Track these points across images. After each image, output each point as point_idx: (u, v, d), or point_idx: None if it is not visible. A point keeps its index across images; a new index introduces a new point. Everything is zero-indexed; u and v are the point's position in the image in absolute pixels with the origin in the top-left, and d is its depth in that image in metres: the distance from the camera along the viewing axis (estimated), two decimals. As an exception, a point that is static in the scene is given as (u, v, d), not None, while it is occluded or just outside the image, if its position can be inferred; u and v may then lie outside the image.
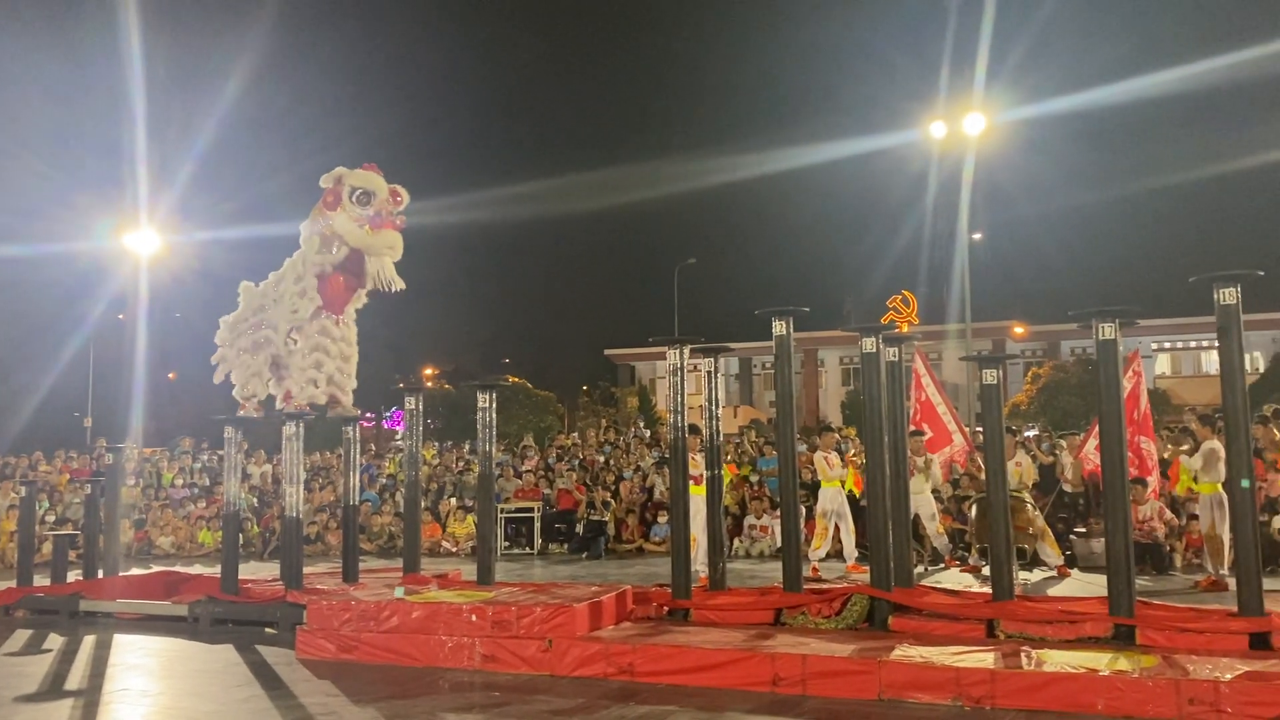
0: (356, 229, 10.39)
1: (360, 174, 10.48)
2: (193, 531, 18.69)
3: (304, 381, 10.66)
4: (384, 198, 10.46)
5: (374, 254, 10.55)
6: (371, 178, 10.49)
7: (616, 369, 56.18)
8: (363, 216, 10.38)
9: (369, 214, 10.39)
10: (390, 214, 10.51)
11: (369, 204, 10.38)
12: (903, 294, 43.78)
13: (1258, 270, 7.20)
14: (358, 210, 10.37)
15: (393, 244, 10.59)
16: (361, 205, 10.37)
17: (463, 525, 17.19)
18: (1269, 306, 39.65)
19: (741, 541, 15.26)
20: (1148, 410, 12.45)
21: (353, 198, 10.37)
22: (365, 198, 10.39)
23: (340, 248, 10.59)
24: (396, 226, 10.58)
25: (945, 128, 26.21)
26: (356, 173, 10.50)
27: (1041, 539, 11.85)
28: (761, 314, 8.79)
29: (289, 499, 10.19)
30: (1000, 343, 43.71)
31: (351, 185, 10.41)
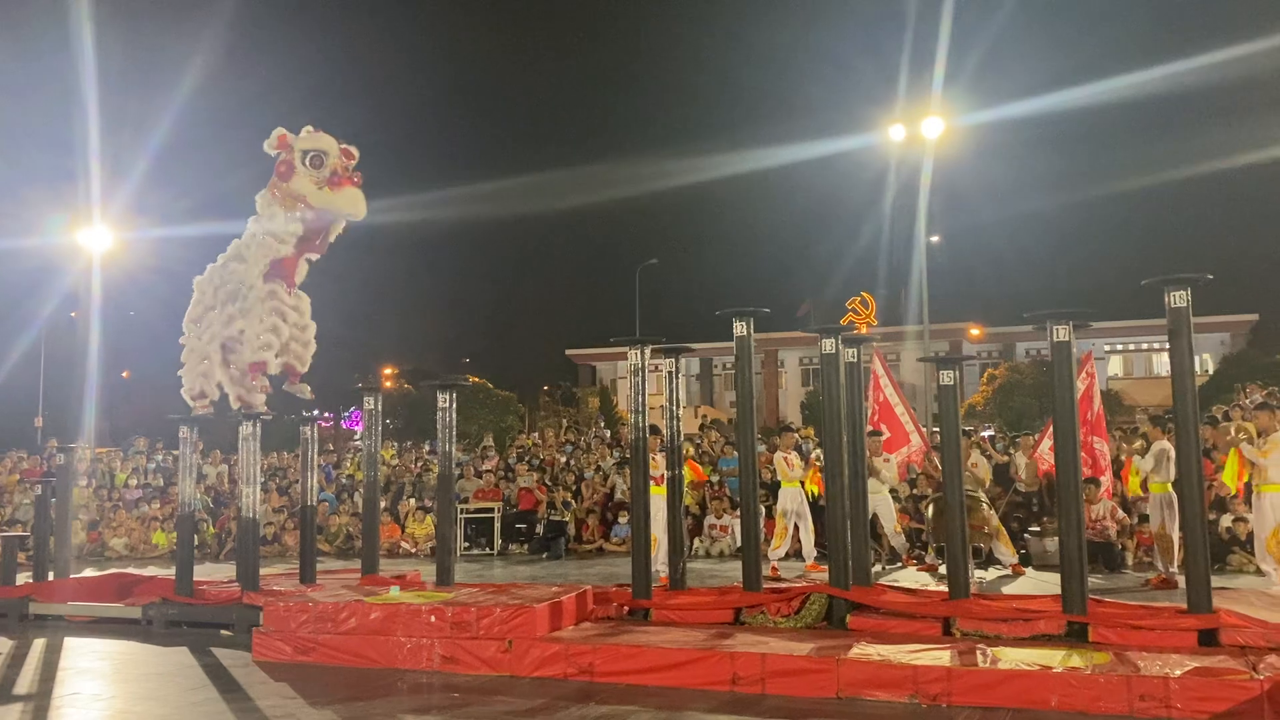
0: (318, 190, 10.22)
1: (308, 136, 10.32)
2: (146, 533, 18.41)
3: (257, 346, 10.49)
4: (336, 156, 10.32)
5: (338, 214, 10.42)
6: (321, 137, 10.33)
7: (578, 369, 56.15)
8: (320, 177, 10.25)
9: (326, 174, 10.25)
10: (347, 170, 10.39)
11: (323, 164, 10.24)
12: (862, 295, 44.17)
13: (1207, 274, 7.34)
14: (313, 172, 10.23)
15: (355, 201, 10.42)
16: (316, 167, 10.23)
17: (422, 526, 17.09)
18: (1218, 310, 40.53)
19: (702, 541, 15.31)
20: (1101, 411, 12.66)
21: (306, 161, 10.23)
22: (318, 159, 10.24)
23: (305, 213, 10.41)
24: (355, 183, 10.44)
25: (904, 131, 26.45)
26: (304, 136, 10.34)
27: (997, 538, 12.00)
28: (722, 315, 8.83)
29: (246, 499, 10.07)
30: (957, 344, 44.22)
31: (302, 149, 10.25)
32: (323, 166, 10.22)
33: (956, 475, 8.30)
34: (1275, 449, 9.67)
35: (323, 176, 10.22)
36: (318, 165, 10.21)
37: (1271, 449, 9.66)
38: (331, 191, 10.24)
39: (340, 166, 10.29)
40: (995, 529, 12.03)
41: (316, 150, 10.22)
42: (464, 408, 27.11)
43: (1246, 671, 5.88)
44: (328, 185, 10.23)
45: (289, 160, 10.23)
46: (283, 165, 10.27)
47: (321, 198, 10.24)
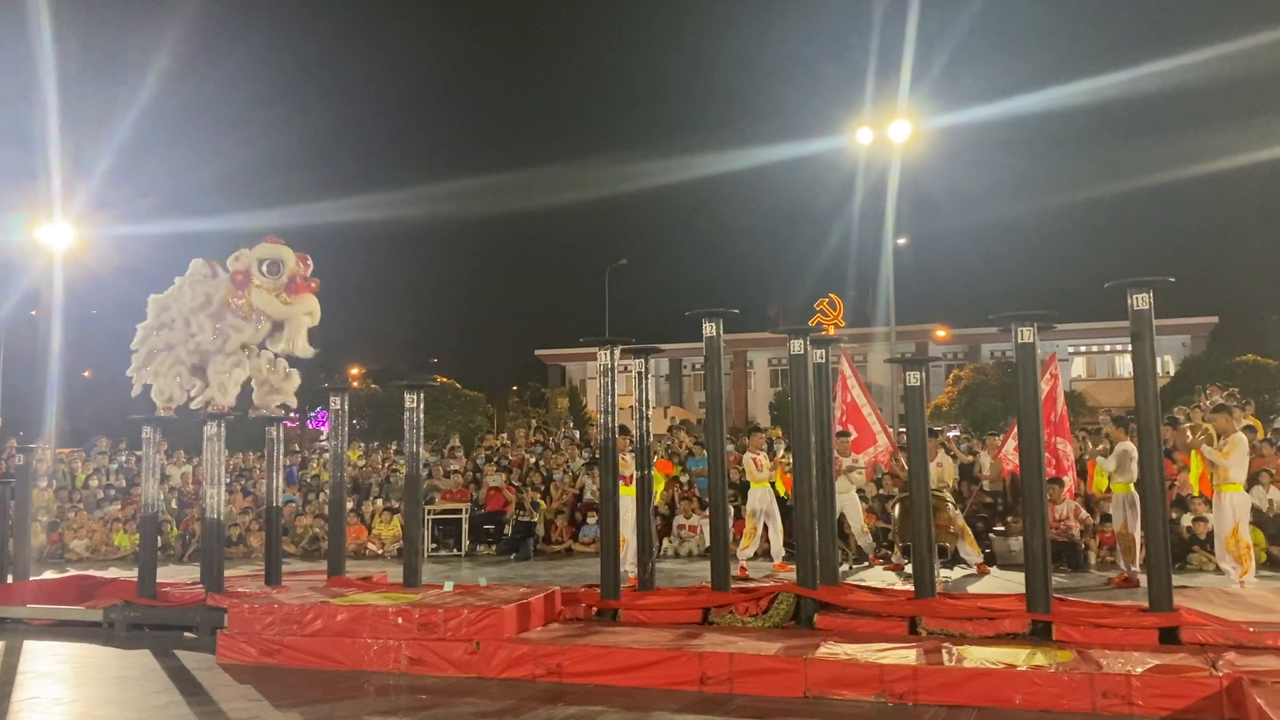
0: (275, 300, 10.15)
1: (264, 247, 10.25)
2: (108, 534, 18.18)
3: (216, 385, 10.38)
4: (294, 263, 10.25)
5: (295, 323, 10.31)
6: (276, 248, 10.25)
7: (547, 369, 56.03)
8: (276, 285, 10.17)
9: (282, 282, 10.18)
10: (304, 278, 10.33)
11: (280, 272, 10.16)
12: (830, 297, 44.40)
13: (1169, 277, 7.45)
14: (269, 280, 10.14)
15: (311, 310, 10.39)
16: (273, 274, 10.15)
17: (389, 527, 16.99)
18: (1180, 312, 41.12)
19: (670, 541, 15.33)
20: (1064, 412, 12.81)
21: (262, 269, 10.13)
22: (275, 266, 10.16)
23: (263, 324, 10.31)
24: (312, 289, 10.40)
25: (871, 134, 26.63)
26: (260, 246, 10.27)
27: (962, 537, 12.11)
28: (692, 315, 8.85)
29: (210, 500, 9.97)
30: (923, 346, 44.59)
31: (258, 258, 10.17)
32: (279, 274, 10.15)
33: (922, 475, 8.37)
34: (1235, 449, 9.83)
35: (279, 284, 10.16)
36: (274, 273, 10.13)
37: (1231, 450, 9.82)
38: (289, 300, 10.18)
39: (298, 273, 10.24)
40: (961, 528, 12.14)
41: (273, 259, 10.14)
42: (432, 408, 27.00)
43: (1206, 669, 5.97)
44: (285, 292, 10.18)
45: (245, 270, 10.12)
46: (239, 275, 10.14)
47: (279, 309, 10.16)
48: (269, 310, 10.18)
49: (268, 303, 10.14)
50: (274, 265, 10.13)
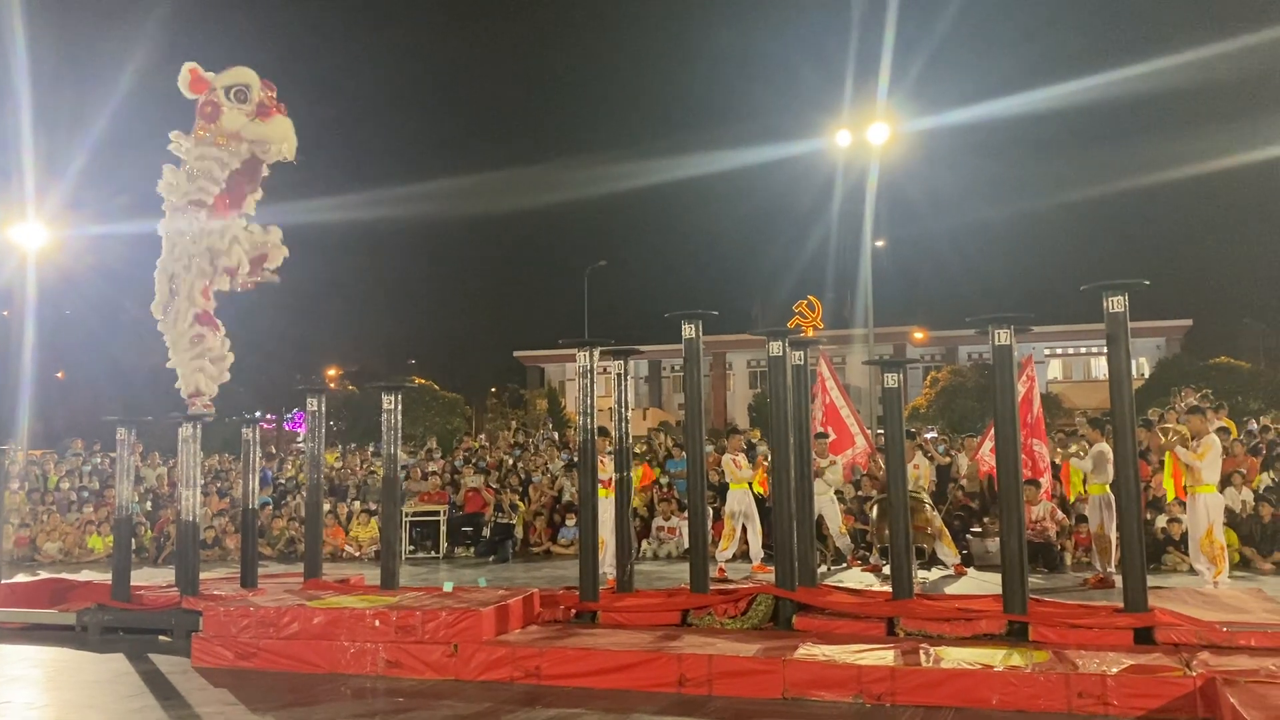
0: (249, 122, 10.12)
1: (228, 72, 10.21)
2: (82, 537, 17.99)
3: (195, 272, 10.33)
4: (259, 87, 10.23)
5: (272, 144, 10.30)
6: (241, 72, 10.24)
7: (526, 371, 55.93)
8: (248, 110, 10.13)
9: (253, 107, 10.15)
10: (272, 100, 10.29)
11: (247, 98, 10.14)
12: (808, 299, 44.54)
13: (1144, 280, 7.51)
14: (241, 106, 10.11)
15: (285, 132, 10.35)
16: (242, 101, 10.12)
17: (366, 529, 16.90)
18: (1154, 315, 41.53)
19: (649, 543, 15.32)
20: (1040, 413, 12.90)
21: (230, 96, 10.10)
22: (243, 93, 10.14)
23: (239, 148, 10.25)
24: (282, 111, 10.36)
25: (850, 137, 26.73)
26: (224, 73, 10.21)
27: (939, 538, 12.15)
28: (671, 317, 8.85)
29: (185, 502, 9.88)
30: (901, 347, 44.82)
31: (224, 85, 10.13)
32: (247, 100, 10.11)
33: (900, 477, 8.39)
34: (1208, 451, 9.92)
35: (250, 109, 10.11)
36: (243, 99, 10.10)
37: (1205, 451, 9.91)
38: (263, 122, 10.13)
39: (266, 97, 10.20)
40: (938, 530, 12.18)
41: (239, 84, 10.11)
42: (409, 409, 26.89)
43: (1180, 669, 6.02)
44: (257, 117, 10.13)
45: (213, 100, 10.09)
46: (207, 106, 10.12)
47: (254, 129, 10.13)
48: (245, 132, 10.14)
49: (242, 124, 10.11)
50: (241, 91, 10.12)
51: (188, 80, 10.12)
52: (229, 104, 10.03)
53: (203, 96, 10.11)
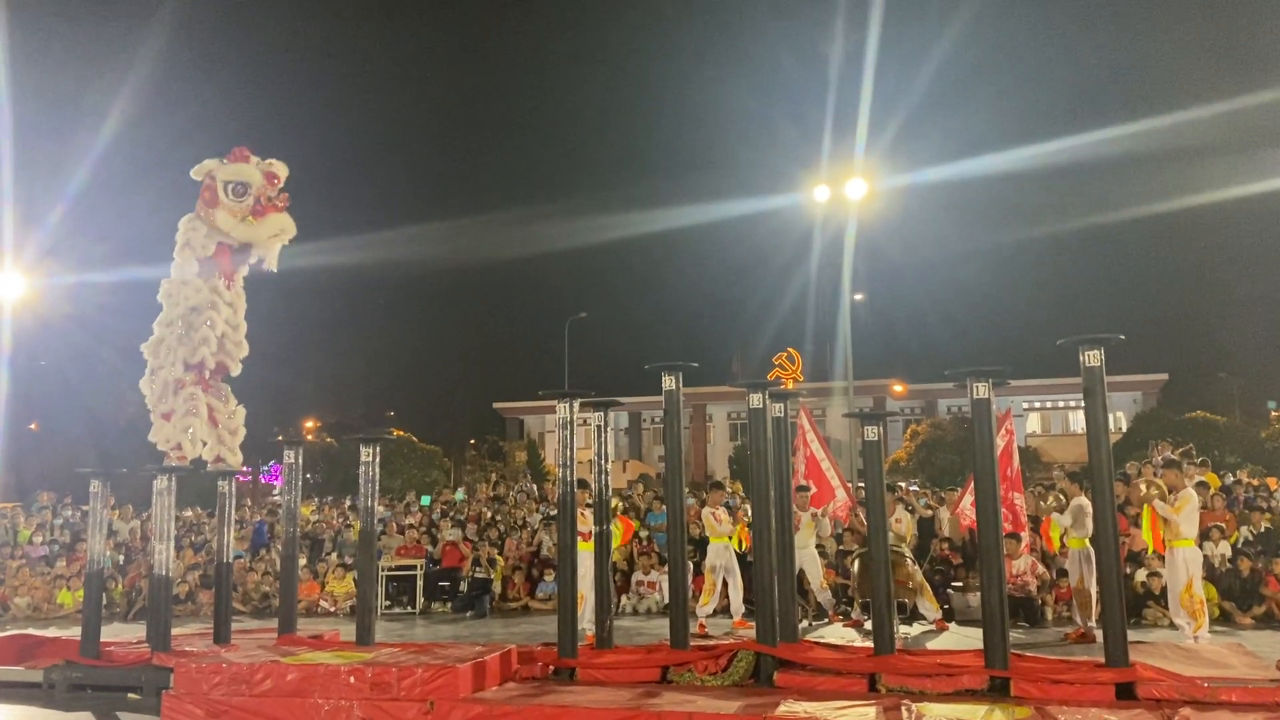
0: (239, 223, 10.20)
1: (230, 167, 10.31)
2: (51, 592, 17.66)
3: (196, 342, 10.32)
4: (260, 184, 10.29)
5: (260, 245, 10.38)
6: (242, 169, 10.32)
7: (505, 422, 55.71)
8: (242, 208, 10.20)
9: (249, 204, 10.21)
10: (269, 198, 10.35)
11: (245, 195, 10.20)
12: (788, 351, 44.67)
13: (1119, 335, 7.59)
14: (235, 203, 10.18)
15: (281, 228, 10.43)
16: (238, 197, 10.19)
17: (342, 584, 16.67)
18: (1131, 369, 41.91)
19: (629, 598, 15.18)
20: (1019, 467, 12.93)
21: (228, 191, 10.18)
22: (240, 189, 10.21)
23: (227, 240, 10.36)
24: (279, 208, 10.41)
25: (828, 192, 27.05)
26: (226, 166, 10.32)
27: (921, 593, 12.10)
28: (651, 369, 8.85)
29: (159, 556, 9.74)
30: (881, 400, 44.93)
31: (224, 180, 10.22)
32: (245, 196, 10.19)
33: (881, 530, 8.37)
34: (1186, 505, 9.96)
35: (245, 206, 10.18)
36: (240, 195, 10.19)
37: (1182, 505, 9.95)
38: (255, 221, 10.20)
39: (263, 194, 10.28)
40: (920, 584, 12.14)
41: (238, 181, 10.19)
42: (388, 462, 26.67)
43: (1163, 725, 5.98)
44: (251, 215, 10.19)
45: (212, 188, 10.20)
46: (207, 192, 10.25)
47: (243, 230, 10.22)
48: (235, 232, 10.20)
49: (232, 226, 10.16)
50: (239, 188, 10.19)
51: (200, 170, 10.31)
52: (226, 199, 10.16)
53: (204, 180, 10.25)
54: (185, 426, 10.38)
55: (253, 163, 10.47)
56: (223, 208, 10.14)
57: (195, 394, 10.54)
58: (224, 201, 10.14)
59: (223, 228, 10.18)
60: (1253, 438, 31.63)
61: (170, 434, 10.60)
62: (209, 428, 10.73)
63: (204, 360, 10.37)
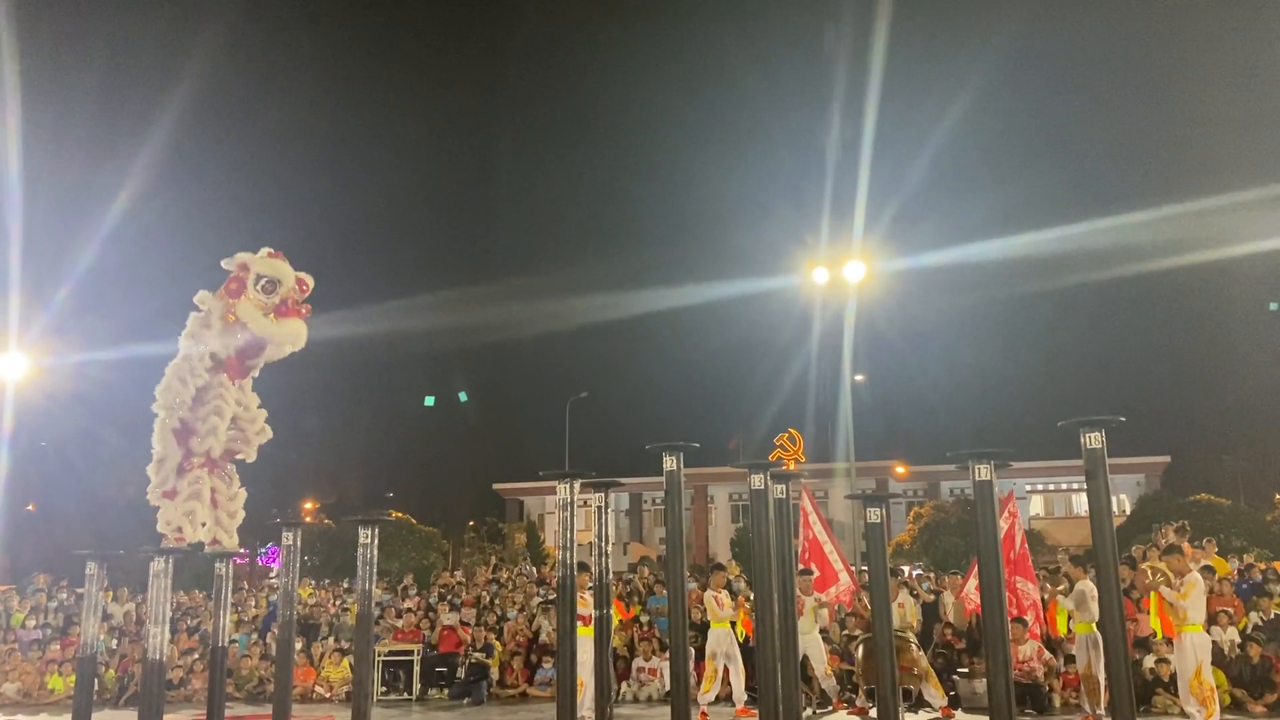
0: (261, 317, 10.25)
1: (267, 261, 10.36)
2: (42, 677, 17.35)
3: (205, 431, 10.27)
4: (290, 285, 10.34)
5: (275, 343, 10.41)
6: (278, 265, 10.38)
7: (505, 503, 55.35)
8: (268, 304, 10.24)
9: (274, 302, 10.25)
10: (296, 302, 10.41)
11: (274, 292, 10.26)
12: (789, 431, 44.59)
13: (1120, 417, 7.59)
14: (262, 298, 10.23)
15: (296, 334, 10.48)
16: (267, 293, 10.24)
17: (338, 669, 16.39)
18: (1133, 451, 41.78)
19: (629, 685, 14.91)
20: (1024, 550, 12.82)
21: (258, 286, 10.23)
22: (271, 286, 10.27)
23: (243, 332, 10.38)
24: (301, 315, 10.47)
25: (827, 274, 27.33)
26: (263, 260, 10.36)
27: (926, 679, 11.91)
28: (652, 449, 8.84)
29: (153, 640, 9.60)
30: (884, 482, 44.71)
31: (258, 273, 10.27)
32: (273, 294, 10.26)
33: (885, 615, 8.27)
34: (1192, 590, 9.85)
35: (270, 303, 10.25)
36: (269, 291, 10.25)
37: (1189, 590, 9.84)
38: (276, 321, 10.27)
39: (291, 297, 10.35)
40: (925, 670, 11.95)
41: (272, 277, 10.27)
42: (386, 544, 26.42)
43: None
44: (274, 313, 10.26)
45: (241, 279, 10.25)
46: (234, 282, 10.30)
47: (264, 326, 10.27)
48: (254, 325, 10.18)
49: (254, 318, 10.15)
50: (270, 284, 10.19)
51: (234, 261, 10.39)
52: (254, 292, 10.25)
53: (234, 270, 10.34)
54: (187, 510, 10.32)
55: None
56: (248, 299, 10.23)
57: (200, 476, 10.53)
58: (250, 293, 10.24)
59: (242, 318, 10.24)
60: (1258, 521, 31.38)
61: (172, 516, 10.55)
62: (209, 510, 10.68)
63: (211, 449, 10.37)
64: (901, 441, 47.30)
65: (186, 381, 10.53)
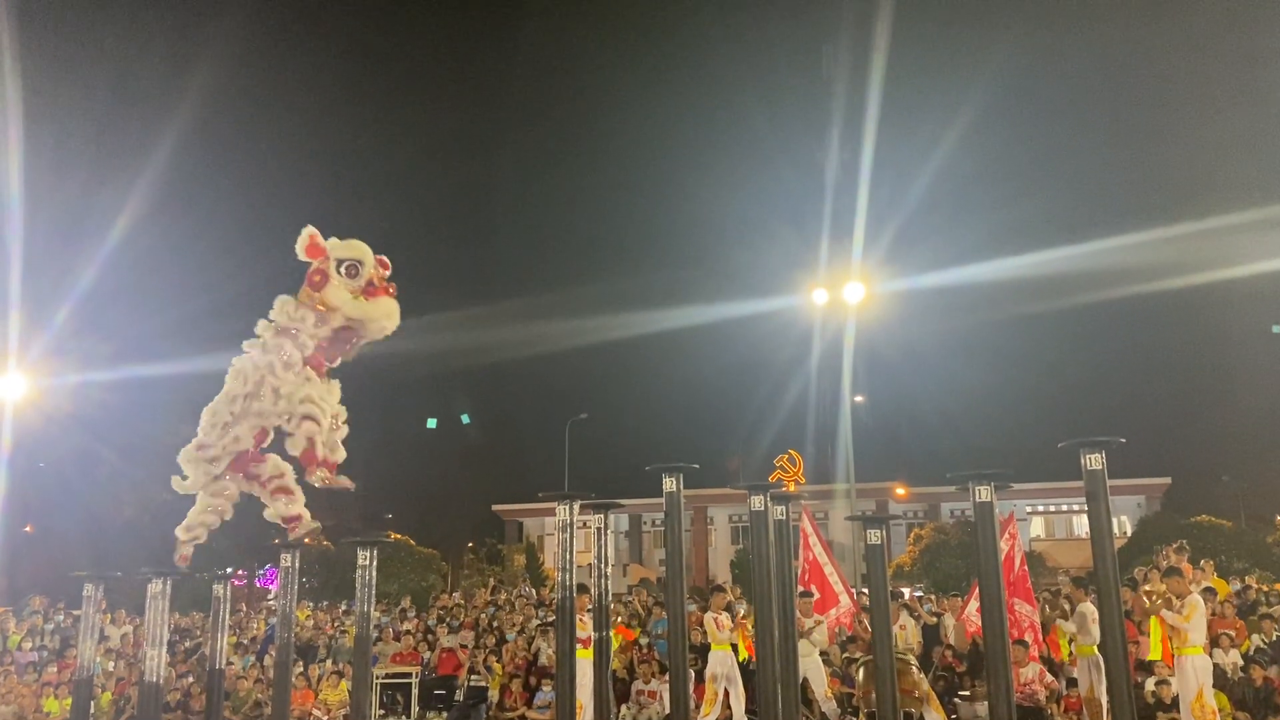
0: (353, 300, 9.94)
1: (343, 244, 10.08)
2: (38, 700, 17.25)
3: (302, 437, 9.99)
4: (372, 264, 10.08)
5: (373, 323, 10.10)
6: (356, 245, 10.07)
7: (504, 525, 55.19)
8: (356, 287, 9.98)
9: (361, 284, 10.00)
10: (382, 280, 10.15)
11: (358, 274, 9.98)
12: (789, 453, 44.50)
13: (1120, 438, 7.59)
14: (349, 281, 9.95)
15: (390, 312, 10.17)
16: (352, 276, 9.96)
17: (336, 691, 16.30)
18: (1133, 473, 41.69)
19: (629, 708, 14.81)
20: (1023, 571, 12.78)
21: (341, 269, 9.96)
22: (354, 268, 9.98)
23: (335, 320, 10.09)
24: (390, 293, 10.20)
25: (826, 295, 27.37)
26: (339, 244, 10.10)
27: (927, 702, 11.83)
28: (652, 470, 8.83)
29: (150, 662, 9.55)
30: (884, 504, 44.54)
31: (337, 258, 10.02)
32: (358, 276, 9.99)
33: (886, 637, 8.24)
34: (1194, 612, 9.81)
35: (358, 286, 9.99)
36: (353, 275, 9.96)
37: (1190, 613, 9.80)
38: (367, 301, 9.99)
39: (376, 276, 10.09)
40: (925, 693, 11.88)
41: (352, 259, 9.99)
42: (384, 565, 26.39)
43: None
44: (363, 295, 10.00)
45: (323, 269, 9.95)
46: (316, 274, 9.93)
47: (358, 307, 9.96)
48: (347, 309, 9.87)
49: (345, 301, 9.83)
50: (353, 267, 9.86)
51: (305, 244, 10.06)
52: (338, 277, 9.96)
53: (315, 263, 10.04)
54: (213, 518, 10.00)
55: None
56: (334, 285, 9.93)
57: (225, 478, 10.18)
58: (335, 278, 9.94)
59: (334, 304, 9.93)
60: (1259, 543, 31.30)
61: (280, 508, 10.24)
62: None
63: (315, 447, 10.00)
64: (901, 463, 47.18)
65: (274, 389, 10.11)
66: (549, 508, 9.22)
